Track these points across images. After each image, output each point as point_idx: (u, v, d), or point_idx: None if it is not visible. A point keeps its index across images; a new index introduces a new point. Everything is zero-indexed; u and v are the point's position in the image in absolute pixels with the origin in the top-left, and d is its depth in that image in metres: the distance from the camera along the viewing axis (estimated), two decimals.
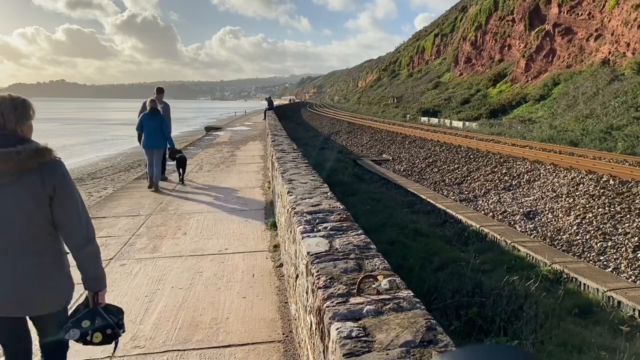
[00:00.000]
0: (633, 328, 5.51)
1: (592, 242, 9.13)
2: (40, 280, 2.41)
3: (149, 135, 9.70)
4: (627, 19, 28.86)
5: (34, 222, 2.36)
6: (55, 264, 2.48)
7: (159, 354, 3.54)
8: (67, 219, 2.42)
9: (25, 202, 2.32)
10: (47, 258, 2.43)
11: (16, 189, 2.30)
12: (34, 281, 2.38)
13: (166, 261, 5.59)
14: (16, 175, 2.28)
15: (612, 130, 19.88)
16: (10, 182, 2.28)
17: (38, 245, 2.39)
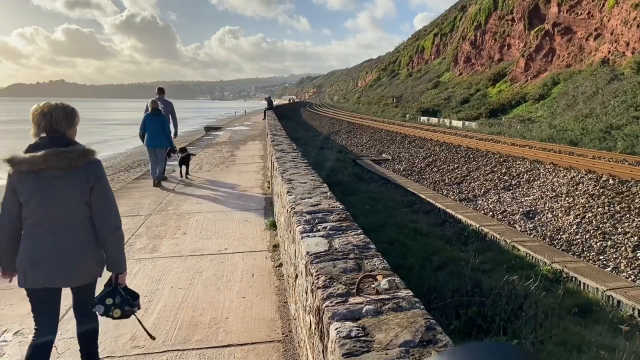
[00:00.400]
0: (632, 327, 5.52)
1: (591, 242, 9.13)
2: (81, 256, 2.92)
3: (151, 135, 10.04)
4: (626, 18, 28.86)
5: (78, 209, 2.90)
6: (92, 243, 2.97)
7: (158, 354, 3.54)
8: (101, 208, 2.94)
9: (72, 192, 2.87)
10: (86, 238, 2.94)
11: (66, 181, 2.85)
12: (75, 257, 2.90)
13: (166, 261, 5.59)
14: (64, 170, 2.83)
15: (611, 130, 19.88)
16: (62, 175, 2.83)
17: (80, 227, 2.92)
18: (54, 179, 2.82)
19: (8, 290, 4.72)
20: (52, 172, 2.81)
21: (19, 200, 2.83)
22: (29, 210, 2.84)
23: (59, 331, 3.83)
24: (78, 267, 2.92)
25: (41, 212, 2.85)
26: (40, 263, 2.84)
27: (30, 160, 2.77)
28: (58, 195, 2.85)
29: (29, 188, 2.81)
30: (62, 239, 2.87)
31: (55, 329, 3.08)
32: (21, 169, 2.79)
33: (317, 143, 25.93)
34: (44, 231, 2.86)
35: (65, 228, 2.88)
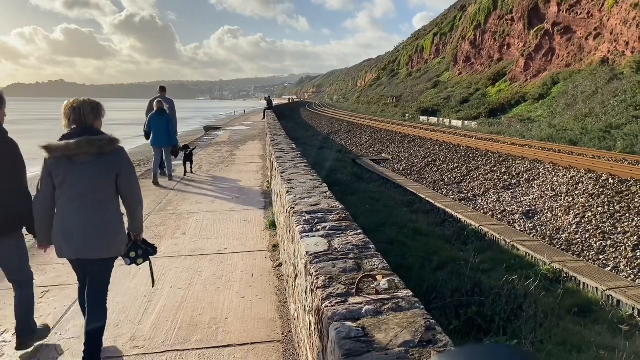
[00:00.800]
0: (632, 327, 5.51)
1: (591, 241, 9.13)
2: (105, 233, 3.33)
3: (157, 134, 10.32)
4: (626, 17, 28.86)
5: (105, 191, 3.33)
6: (115, 223, 3.41)
7: (158, 354, 3.54)
8: (127, 189, 3.43)
9: (100, 175, 3.30)
10: (110, 217, 3.37)
11: (95, 165, 3.27)
12: (100, 233, 3.31)
13: (165, 261, 5.58)
14: (93, 156, 3.24)
15: (611, 129, 19.88)
16: (91, 161, 3.25)
17: (106, 207, 3.35)
18: (85, 164, 3.26)
19: (7, 291, 4.73)
20: (83, 158, 3.24)
21: (53, 183, 3.26)
22: (62, 191, 3.27)
23: (58, 331, 3.85)
24: (102, 243, 3.34)
25: (73, 192, 3.27)
26: (72, 238, 3.28)
27: (65, 147, 3.20)
28: (88, 178, 3.27)
29: (63, 171, 3.23)
30: (90, 217, 3.29)
31: (83, 294, 3.56)
32: (56, 155, 3.21)
33: (317, 143, 25.93)
34: (75, 209, 3.28)
35: (93, 207, 3.30)
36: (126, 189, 3.44)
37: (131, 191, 3.48)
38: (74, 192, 3.27)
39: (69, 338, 3.76)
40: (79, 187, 3.27)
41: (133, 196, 3.51)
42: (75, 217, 3.27)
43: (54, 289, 4.76)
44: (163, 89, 11.67)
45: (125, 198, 3.49)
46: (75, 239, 3.27)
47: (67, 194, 3.27)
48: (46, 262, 5.60)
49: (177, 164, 11.90)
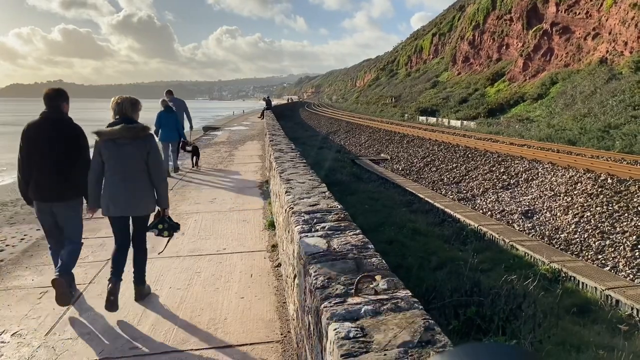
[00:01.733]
0: (631, 327, 5.52)
1: (590, 241, 9.14)
2: (140, 196, 4.41)
3: (165, 130, 11.30)
4: (624, 17, 28.89)
5: (139, 165, 4.36)
6: (147, 188, 4.45)
7: (156, 354, 3.53)
8: (154, 166, 4.44)
9: (135, 154, 4.33)
10: (143, 184, 4.40)
11: (132, 146, 4.31)
12: (137, 196, 4.37)
13: (164, 261, 5.58)
14: (131, 139, 4.31)
15: (610, 129, 19.90)
16: (129, 143, 4.30)
17: (139, 177, 4.37)
18: (125, 145, 4.30)
19: (5, 292, 4.72)
20: (123, 140, 4.29)
21: (102, 159, 4.29)
22: (109, 165, 4.30)
23: (56, 332, 3.85)
24: (139, 203, 4.41)
25: (116, 166, 4.30)
26: (116, 200, 4.31)
27: (110, 132, 4.28)
28: (127, 156, 4.31)
29: (109, 151, 4.28)
30: (129, 184, 4.32)
31: (128, 240, 4.54)
32: (104, 138, 4.28)
33: (316, 143, 25.93)
34: (118, 179, 4.30)
35: (131, 177, 4.33)
36: (153, 166, 4.43)
37: (156, 168, 4.47)
38: (118, 166, 4.31)
39: (68, 339, 3.75)
40: (121, 163, 4.32)
41: (157, 172, 4.49)
42: (119, 185, 4.31)
43: (52, 290, 4.74)
44: (170, 92, 12.78)
45: (151, 174, 4.44)
46: (120, 201, 4.32)
47: (112, 168, 4.31)
48: (44, 262, 5.60)
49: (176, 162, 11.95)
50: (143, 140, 4.39)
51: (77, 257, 4.65)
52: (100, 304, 4.38)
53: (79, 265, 5.47)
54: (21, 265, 5.53)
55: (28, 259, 5.75)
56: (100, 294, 4.60)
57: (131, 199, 4.35)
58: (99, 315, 4.15)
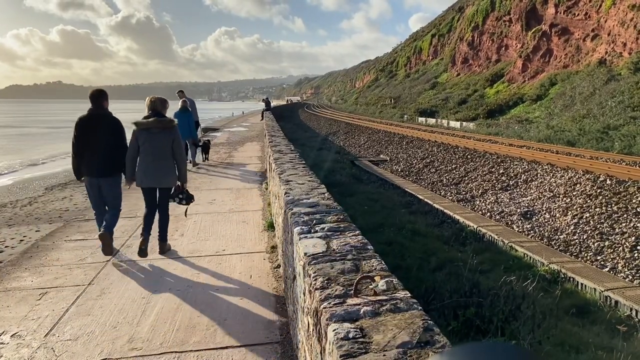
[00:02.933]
0: (630, 327, 5.52)
1: (589, 242, 9.14)
2: (167, 172, 5.79)
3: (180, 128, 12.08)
4: (623, 19, 28.93)
5: (166, 148, 5.72)
6: (172, 167, 5.84)
7: (156, 355, 3.53)
8: (178, 151, 5.83)
9: (164, 141, 5.69)
10: (170, 164, 5.80)
11: (161, 134, 5.68)
12: (164, 172, 5.76)
13: (163, 263, 5.58)
14: (161, 129, 5.69)
15: (609, 130, 19.92)
16: (159, 131, 5.67)
17: (166, 157, 5.74)
18: (156, 133, 5.72)
19: (5, 293, 4.72)
20: (155, 130, 5.72)
21: (138, 143, 5.69)
22: (143, 148, 5.70)
23: (56, 333, 3.85)
24: (165, 177, 5.84)
25: (149, 149, 5.70)
26: (149, 175, 5.74)
27: (146, 123, 5.72)
28: (157, 141, 5.73)
29: (143, 137, 5.69)
30: (158, 163, 5.74)
31: (155, 206, 5.93)
32: (141, 128, 5.70)
33: (315, 144, 25.94)
34: (150, 159, 5.72)
35: (160, 157, 5.74)
36: (177, 151, 5.85)
37: (179, 152, 5.90)
38: (150, 149, 5.70)
39: (67, 340, 3.75)
40: (153, 147, 5.71)
41: (180, 156, 5.92)
42: (151, 163, 5.71)
43: (51, 291, 4.75)
44: (182, 92, 13.81)
45: (175, 156, 5.86)
46: (152, 176, 5.75)
47: (146, 150, 5.70)
48: (43, 264, 5.60)
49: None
50: (170, 130, 5.80)
51: (117, 219, 5.99)
52: (100, 305, 4.39)
53: (79, 266, 5.48)
54: (20, 267, 5.52)
55: (27, 260, 5.75)
56: (99, 296, 4.61)
57: (159, 174, 5.76)
58: (98, 317, 4.15)
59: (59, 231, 7.15)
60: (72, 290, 4.79)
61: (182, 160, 5.94)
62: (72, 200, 11.08)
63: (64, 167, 20.88)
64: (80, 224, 7.45)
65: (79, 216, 8.14)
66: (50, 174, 18.24)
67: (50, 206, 10.60)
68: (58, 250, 6.14)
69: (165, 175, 5.80)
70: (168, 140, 5.74)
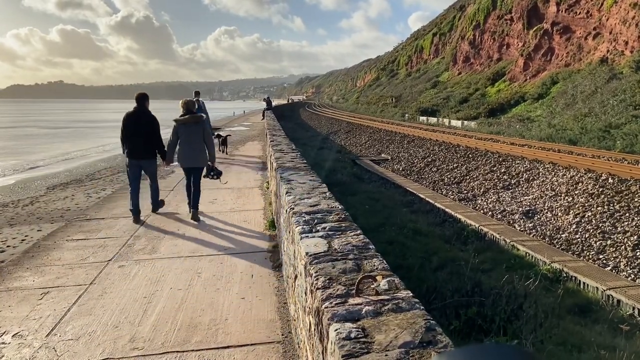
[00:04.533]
0: (633, 327, 5.51)
1: (591, 241, 9.13)
2: (200, 155, 7.68)
3: None
4: (625, 17, 28.87)
5: (199, 138, 7.61)
6: (204, 151, 7.70)
7: (157, 355, 3.53)
8: (208, 138, 7.77)
9: (197, 131, 7.60)
10: (202, 148, 7.66)
11: (195, 127, 7.59)
12: (198, 155, 7.66)
13: (165, 262, 5.58)
14: (194, 123, 7.60)
15: (610, 129, 19.88)
16: (193, 125, 7.58)
17: (199, 143, 7.62)
18: (190, 126, 7.52)
19: (6, 292, 4.72)
20: (190, 124, 7.52)
21: (177, 135, 7.50)
22: (182, 138, 7.51)
23: (57, 333, 3.85)
24: (199, 159, 7.64)
25: (186, 138, 7.50)
26: (187, 157, 7.55)
27: (183, 120, 7.51)
28: (192, 132, 7.51)
29: (181, 130, 7.50)
30: (194, 148, 7.54)
31: (190, 180, 7.66)
32: (179, 123, 7.50)
33: (316, 143, 25.93)
34: (187, 146, 7.51)
35: (195, 144, 7.55)
36: (207, 138, 7.75)
37: (209, 139, 7.83)
38: (187, 138, 7.55)
39: (69, 339, 3.75)
40: (189, 136, 7.54)
41: (210, 142, 7.80)
42: (188, 149, 7.55)
43: (53, 291, 4.75)
44: (197, 93, 14.68)
45: (206, 142, 7.71)
46: (189, 158, 7.60)
47: (184, 139, 7.55)
48: (45, 263, 5.60)
49: None
50: (201, 123, 7.71)
51: (159, 192, 8.07)
52: (102, 304, 4.39)
53: (80, 266, 5.48)
54: (22, 266, 5.52)
55: (29, 260, 5.75)
56: (101, 295, 4.61)
57: (195, 157, 7.64)
58: (100, 316, 4.15)
59: (60, 231, 7.16)
60: (74, 289, 4.79)
61: (211, 145, 7.78)
62: (74, 200, 11.09)
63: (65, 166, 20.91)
64: (81, 224, 7.45)
65: (81, 216, 8.13)
66: (51, 174, 18.25)
67: (51, 206, 10.61)
68: (59, 249, 6.14)
69: (199, 157, 7.66)
70: (199, 131, 7.59)
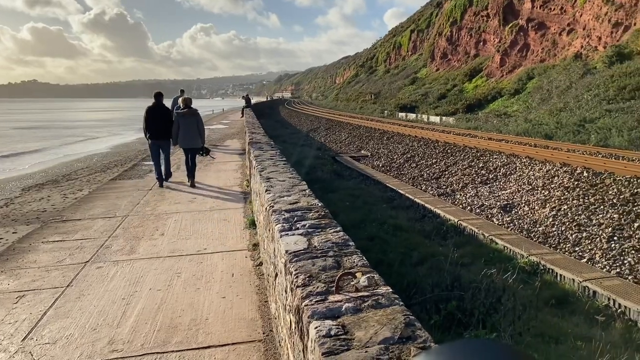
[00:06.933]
0: (608, 317, 5.62)
1: (567, 234, 9.29)
2: (196, 139, 10.22)
3: None
4: (598, 13, 29.40)
5: (194, 126, 10.16)
6: (198, 135, 10.27)
7: (137, 357, 3.49)
8: (201, 127, 10.36)
9: (193, 121, 10.15)
10: (196, 134, 10.21)
11: (191, 118, 10.12)
12: (194, 139, 10.19)
13: (144, 263, 5.52)
14: (191, 115, 10.15)
15: (585, 123, 20.24)
16: (190, 116, 10.13)
17: (195, 130, 10.18)
18: (188, 117, 10.06)
19: (6, 294, 4.62)
20: (188, 115, 10.08)
21: (179, 124, 9.99)
22: (182, 126, 10.00)
23: (34, 337, 3.79)
24: (194, 141, 10.15)
25: (185, 126, 10.02)
26: (186, 140, 10.08)
27: (183, 113, 10.07)
28: (189, 122, 10.06)
29: (181, 120, 10.01)
30: (190, 134, 10.08)
31: (188, 157, 10.15)
32: (180, 115, 10.04)
33: (296, 140, 25.90)
34: (185, 132, 10.03)
35: (191, 130, 10.07)
36: (200, 127, 10.20)
37: (202, 126, 10.29)
38: (185, 126, 9.95)
39: (46, 343, 3.69)
40: (187, 125, 9.97)
41: (202, 128, 10.27)
42: (186, 134, 9.98)
43: (28, 294, 4.66)
44: (182, 91, 15.71)
45: (199, 129, 10.14)
46: (187, 141, 10.04)
47: (183, 127, 9.94)
48: (20, 266, 5.49)
49: None
50: (195, 115, 10.15)
51: (170, 165, 10.56)
52: (79, 307, 4.32)
53: (57, 268, 5.39)
54: None
55: (3, 263, 5.64)
56: (78, 297, 4.54)
57: (191, 139, 10.04)
58: (78, 319, 4.09)
59: (36, 233, 7.03)
60: (50, 292, 4.70)
61: (203, 131, 10.30)
62: (50, 201, 10.91)
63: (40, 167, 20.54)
64: (58, 225, 7.33)
65: (57, 217, 7.99)
66: (26, 175, 17.92)
67: (27, 207, 10.42)
68: (35, 252, 6.03)
69: (194, 140, 10.09)
70: (194, 121, 10.09)
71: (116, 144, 31.71)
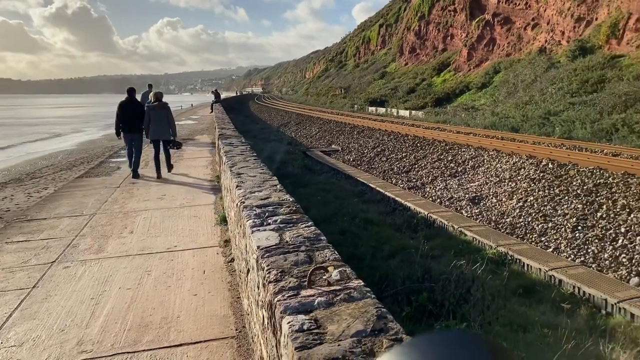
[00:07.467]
0: (574, 304, 5.79)
1: (533, 224, 9.51)
2: (166, 130, 10.84)
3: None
4: (561, 8, 30.07)
5: (164, 119, 10.75)
6: (168, 128, 10.89)
7: (107, 357, 3.43)
8: (170, 119, 10.90)
9: (163, 114, 10.74)
10: (167, 128, 10.85)
11: (161, 112, 10.71)
12: (164, 131, 10.81)
13: (112, 261, 5.42)
14: (161, 109, 10.73)
15: (550, 116, 20.72)
16: (161, 109, 10.72)
17: (165, 124, 10.81)
18: (158, 110, 10.66)
19: None
20: (158, 108, 10.67)
21: (149, 117, 10.56)
22: (153, 120, 10.57)
23: (0, 340, 3.67)
24: (164, 134, 10.79)
25: (155, 119, 10.59)
26: (156, 133, 10.69)
27: (153, 106, 10.71)
28: (159, 115, 10.63)
29: (152, 113, 10.60)
30: (160, 127, 10.68)
31: (159, 150, 10.80)
32: (150, 108, 10.67)
33: (267, 136, 25.79)
34: (156, 124, 10.61)
35: (161, 123, 10.66)
36: (170, 119, 10.80)
37: (172, 120, 10.88)
38: (155, 119, 10.55)
39: (11, 346, 3.59)
40: (157, 119, 10.56)
41: (172, 122, 10.91)
42: (157, 127, 10.60)
43: None
44: (150, 85, 16.74)
45: (170, 122, 10.77)
46: (158, 133, 10.66)
47: (154, 120, 10.53)
48: None
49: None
50: (165, 109, 10.68)
51: (140, 159, 10.88)
52: (46, 308, 4.22)
53: (22, 269, 5.25)
54: None
55: None
56: (45, 299, 4.43)
57: (160, 132, 10.62)
58: (45, 320, 4.00)
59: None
60: (16, 294, 4.58)
61: (173, 123, 10.89)
62: (14, 200, 10.60)
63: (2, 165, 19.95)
64: (22, 225, 7.13)
65: (21, 216, 7.78)
66: None
67: None
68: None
69: (164, 132, 10.69)
70: (164, 114, 10.65)
71: (82, 141, 31.00)
